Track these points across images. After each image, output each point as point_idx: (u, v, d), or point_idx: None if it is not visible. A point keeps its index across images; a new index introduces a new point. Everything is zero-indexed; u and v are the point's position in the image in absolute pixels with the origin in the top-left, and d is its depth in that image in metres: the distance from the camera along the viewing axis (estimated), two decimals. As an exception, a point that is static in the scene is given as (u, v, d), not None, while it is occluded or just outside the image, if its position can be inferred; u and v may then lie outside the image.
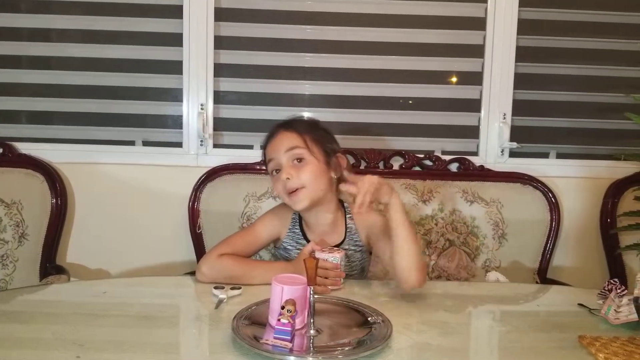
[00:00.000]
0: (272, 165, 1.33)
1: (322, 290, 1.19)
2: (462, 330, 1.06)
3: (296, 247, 1.38)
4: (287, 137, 1.32)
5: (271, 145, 1.33)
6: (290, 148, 1.29)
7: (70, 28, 1.90)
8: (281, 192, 1.31)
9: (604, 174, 1.90)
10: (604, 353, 0.89)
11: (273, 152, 1.32)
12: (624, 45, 1.95)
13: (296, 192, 1.28)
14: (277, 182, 1.31)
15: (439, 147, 1.96)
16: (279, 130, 1.34)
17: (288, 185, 1.28)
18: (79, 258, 1.89)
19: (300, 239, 1.38)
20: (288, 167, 1.29)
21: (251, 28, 1.91)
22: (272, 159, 1.32)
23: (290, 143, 1.30)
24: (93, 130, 1.93)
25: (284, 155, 1.29)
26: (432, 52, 1.94)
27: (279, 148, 1.30)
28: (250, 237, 1.39)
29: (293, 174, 1.28)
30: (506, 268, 1.80)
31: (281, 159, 1.30)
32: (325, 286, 1.21)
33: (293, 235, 1.39)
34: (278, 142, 1.32)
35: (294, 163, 1.29)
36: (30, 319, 1.03)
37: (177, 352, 0.93)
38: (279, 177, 1.30)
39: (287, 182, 1.28)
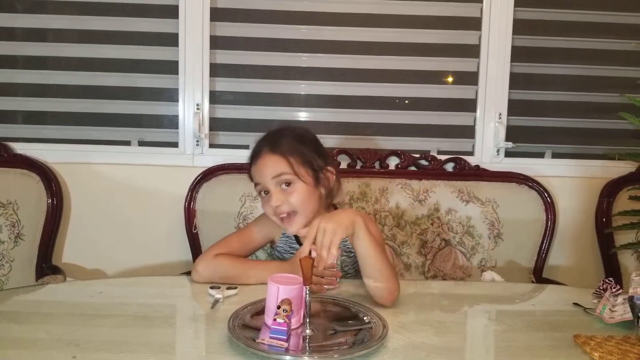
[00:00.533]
0: (260, 188, 1.30)
1: (318, 289, 1.20)
2: (458, 329, 1.07)
3: (289, 251, 1.40)
4: (273, 161, 1.27)
5: (257, 169, 1.30)
6: (276, 175, 1.26)
7: (65, 28, 1.90)
8: (271, 215, 1.29)
9: (599, 174, 1.91)
10: (599, 352, 0.90)
11: (259, 176, 1.29)
12: (619, 45, 1.96)
13: (288, 217, 1.26)
14: (267, 204, 1.29)
15: (434, 147, 1.97)
16: (264, 153, 1.29)
17: (278, 210, 1.26)
18: (75, 258, 1.88)
19: (293, 243, 1.40)
20: (277, 193, 1.26)
21: (247, 28, 1.91)
22: (258, 183, 1.30)
23: (277, 169, 1.26)
24: (89, 130, 1.92)
25: (270, 181, 1.26)
26: (428, 52, 1.94)
27: (265, 173, 1.27)
28: (246, 238, 1.40)
29: (282, 199, 1.25)
30: (502, 268, 1.80)
31: (268, 184, 1.27)
32: (321, 285, 1.21)
33: (287, 240, 1.41)
34: (264, 168, 1.28)
35: (282, 188, 1.26)
36: (27, 319, 1.03)
37: (173, 352, 0.93)
38: (268, 200, 1.27)
39: (276, 208, 1.26)
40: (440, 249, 1.81)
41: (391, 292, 1.14)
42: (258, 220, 1.44)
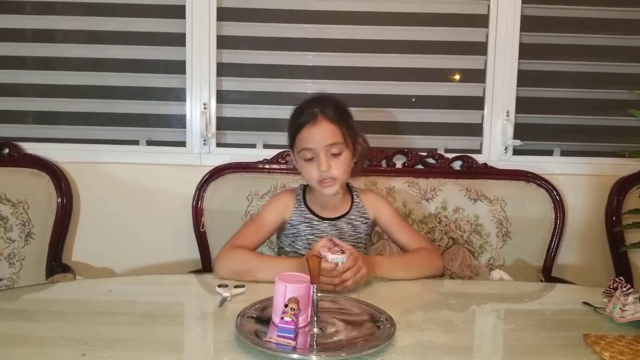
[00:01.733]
0: (307, 153, 1.33)
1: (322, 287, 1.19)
2: (465, 328, 1.06)
3: (304, 221, 1.41)
4: (329, 129, 1.32)
5: (310, 134, 1.32)
6: (331, 143, 1.32)
7: (73, 29, 1.91)
8: (311, 178, 1.34)
9: (608, 172, 1.89)
10: (609, 352, 0.89)
11: (312, 142, 1.32)
12: (628, 41, 1.94)
13: (327, 183, 1.33)
14: (310, 169, 1.33)
15: (442, 145, 1.96)
16: (320, 119, 1.33)
17: (324, 175, 1.31)
18: (85, 257, 1.90)
19: (307, 213, 1.42)
20: (326, 159, 1.31)
21: (253, 27, 1.91)
22: (309, 148, 1.32)
23: (332, 138, 1.32)
24: (97, 130, 1.93)
25: (323, 147, 1.31)
26: (435, 49, 1.94)
27: (320, 140, 1.31)
28: (258, 226, 1.42)
29: (331, 165, 1.31)
30: (510, 266, 1.79)
31: (320, 150, 1.31)
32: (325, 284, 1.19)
33: (300, 212, 1.42)
34: (319, 133, 1.32)
35: (331, 154, 1.32)
36: (36, 317, 1.04)
37: (181, 350, 0.93)
38: (311, 165, 1.33)
39: (323, 172, 1.31)
40: (448, 247, 1.81)
41: (438, 271, 1.37)
42: (267, 206, 1.47)
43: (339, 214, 1.42)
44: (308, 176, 1.36)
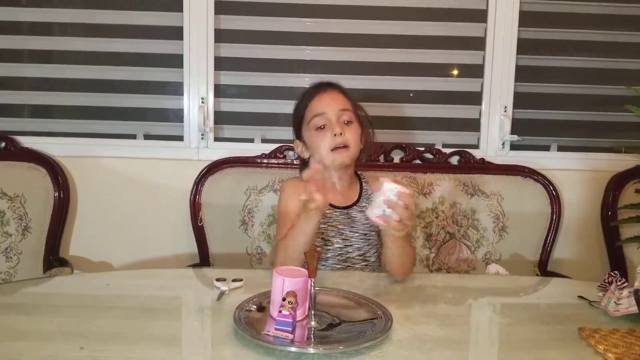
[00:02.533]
0: (319, 120, 1.35)
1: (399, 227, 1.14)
2: (462, 322, 1.07)
3: None
4: (339, 97, 1.37)
5: (321, 100, 1.36)
6: (343, 109, 1.35)
7: (71, 22, 1.90)
8: (324, 148, 1.33)
9: (605, 167, 1.90)
10: (604, 345, 0.90)
11: (324, 106, 1.35)
12: (625, 37, 1.95)
13: (340, 150, 1.33)
14: (322, 136, 1.34)
15: (439, 140, 1.96)
16: (328, 89, 1.38)
17: (337, 141, 1.32)
18: (82, 251, 1.90)
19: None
20: (339, 125, 1.33)
21: (251, 21, 1.90)
22: (321, 113, 1.34)
23: (343, 104, 1.36)
24: (94, 124, 1.93)
25: (336, 112, 1.34)
26: (433, 44, 1.94)
27: (332, 105, 1.35)
28: (290, 218, 1.34)
29: (344, 131, 1.33)
30: (506, 261, 1.80)
31: (332, 115, 1.34)
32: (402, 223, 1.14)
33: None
34: (330, 99, 1.36)
35: (342, 123, 1.34)
36: (34, 311, 1.04)
37: (179, 344, 0.94)
38: (325, 132, 1.33)
39: (335, 138, 1.32)
40: (445, 242, 1.81)
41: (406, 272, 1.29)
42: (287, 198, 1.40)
43: (349, 203, 1.41)
44: (320, 146, 1.34)
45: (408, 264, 1.29)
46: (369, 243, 1.40)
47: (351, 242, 1.39)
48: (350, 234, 1.39)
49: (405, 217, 1.12)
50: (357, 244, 1.39)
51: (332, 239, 1.37)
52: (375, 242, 1.42)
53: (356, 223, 1.40)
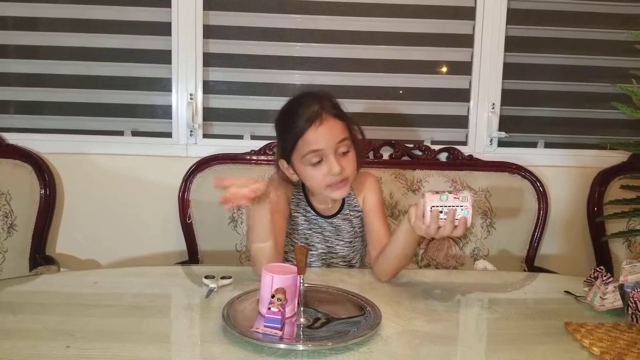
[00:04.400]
0: (314, 156, 1.22)
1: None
2: (450, 317, 1.07)
3: (303, 213, 1.37)
4: (335, 126, 1.22)
5: (317, 134, 1.21)
6: (341, 140, 1.23)
7: (58, 17, 1.88)
8: (320, 184, 1.25)
9: (591, 163, 1.92)
10: (589, 339, 0.91)
11: (320, 141, 1.21)
12: (611, 35, 1.96)
13: (339, 185, 1.24)
14: (318, 173, 1.23)
15: (428, 137, 1.97)
16: (325, 116, 1.22)
17: (337, 178, 1.23)
18: (69, 248, 1.88)
19: (306, 205, 1.37)
20: (337, 159, 1.22)
21: (241, 17, 1.89)
22: (318, 150, 1.21)
23: (340, 134, 1.23)
24: (82, 121, 1.91)
25: (333, 147, 1.22)
26: (422, 41, 1.94)
27: (330, 139, 1.21)
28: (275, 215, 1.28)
29: (342, 166, 1.22)
30: (494, 256, 1.82)
31: (329, 151, 1.21)
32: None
33: (298, 202, 1.37)
34: (327, 132, 1.21)
35: (340, 153, 1.24)
36: (21, 309, 1.03)
37: (167, 342, 0.93)
38: (321, 168, 1.23)
39: (335, 176, 1.22)
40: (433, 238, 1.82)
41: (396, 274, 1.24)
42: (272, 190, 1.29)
43: (334, 211, 1.37)
44: (315, 183, 1.26)
45: (400, 267, 1.23)
46: (354, 249, 1.40)
47: (336, 250, 1.38)
48: (336, 242, 1.38)
49: (444, 231, 1.08)
50: (342, 251, 1.39)
51: (317, 244, 1.37)
52: (360, 248, 1.42)
53: (341, 232, 1.38)
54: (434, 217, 1.07)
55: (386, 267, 1.23)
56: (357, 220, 1.40)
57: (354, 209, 1.40)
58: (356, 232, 1.40)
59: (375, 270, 1.27)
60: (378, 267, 1.25)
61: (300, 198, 1.39)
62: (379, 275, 1.25)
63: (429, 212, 1.07)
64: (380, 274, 1.24)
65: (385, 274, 1.23)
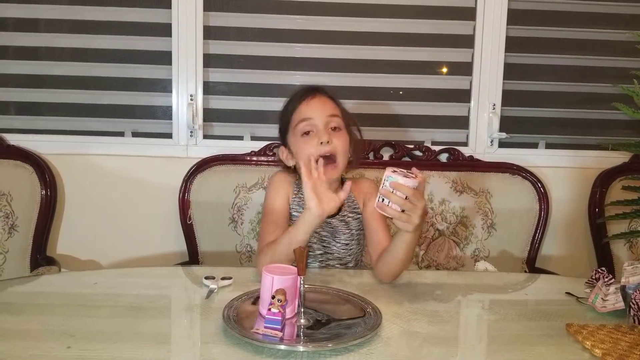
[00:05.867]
0: (305, 125, 1.29)
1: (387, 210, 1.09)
2: (451, 319, 1.07)
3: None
4: (327, 102, 1.32)
5: (308, 105, 1.30)
6: (331, 115, 1.29)
7: (58, 18, 1.88)
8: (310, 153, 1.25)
9: (592, 164, 1.92)
10: (591, 341, 0.91)
11: (311, 111, 1.29)
12: (612, 35, 1.96)
13: (327, 161, 1.24)
14: (308, 144, 1.27)
15: (428, 138, 1.97)
16: (317, 94, 1.32)
17: (323, 149, 1.26)
18: (70, 249, 1.88)
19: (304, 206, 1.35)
20: (326, 132, 1.28)
21: (241, 18, 1.90)
22: (308, 118, 1.29)
23: (331, 110, 1.30)
24: (82, 121, 1.91)
25: (323, 119, 1.28)
26: (422, 42, 1.94)
27: (320, 110, 1.29)
28: (274, 216, 1.34)
29: (332, 139, 1.27)
30: (495, 257, 1.82)
31: (319, 121, 1.28)
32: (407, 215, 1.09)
33: (299, 201, 1.37)
34: (319, 104, 1.30)
35: (329, 129, 1.29)
36: (21, 310, 1.03)
37: (168, 342, 0.93)
38: (310, 139, 1.28)
39: (322, 146, 1.26)
40: (434, 239, 1.82)
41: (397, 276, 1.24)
42: (271, 191, 1.39)
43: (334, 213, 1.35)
44: (306, 152, 1.26)
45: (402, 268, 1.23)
46: (350, 252, 1.40)
47: (332, 250, 1.38)
48: (333, 243, 1.38)
49: (408, 208, 1.07)
50: (338, 252, 1.38)
51: (314, 245, 1.36)
52: (356, 251, 1.41)
53: (338, 233, 1.38)
54: (384, 209, 1.09)
55: (388, 269, 1.23)
56: (356, 222, 1.40)
57: (353, 211, 1.40)
58: (353, 234, 1.40)
59: (376, 272, 1.27)
60: (380, 270, 1.25)
61: (300, 198, 1.39)
62: (380, 276, 1.25)
63: (380, 211, 1.10)
64: (382, 276, 1.24)
65: (388, 276, 1.23)
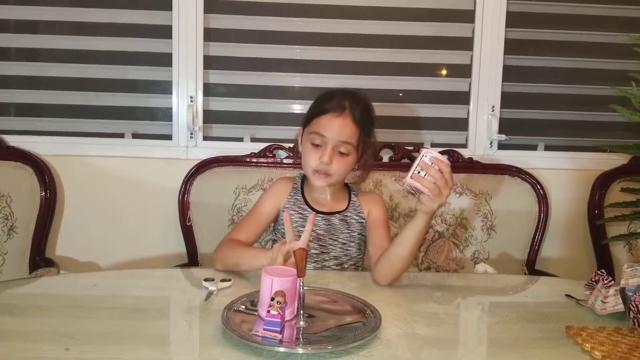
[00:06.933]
0: (317, 138, 1.32)
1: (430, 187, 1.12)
2: (451, 321, 1.07)
3: (297, 211, 1.40)
4: (349, 127, 1.32)
5: (330, 122, 1.32)
6: (344, 141, 1.32)
7: (58, 20, 1.88)
8: (308, 164, 1.34)
9: (591, 166, 1.92)
10: (590, 343, 0.91)
11: (328, 130, 1.31)
12: (610, 37, 1.97)
13: (321, 175, 1.33)
14: (312, 155, 1.33)
15: (428, 140, 1.97)
16: (345, 113, 1.32)
17: (321, 167, 1.32)
18: (69, 251, 1.88)
19: (302, 204, 1.41)
20: (331, 152, 1.31)
21: (241, 20, 1.90)
22: (322, 135, 1.32)
23: (347, 136, 1.32)
24: (82, 123, 1.91)
25: (335, 142, 1.31)
26: (422, 44, 1.94)
27: (336, 133, 1.31)
28: (254, 215, 1.43)
29: (332, 162, 1.32)
30: (495, 259, 1.82)
31: (330, 141, 1.31)
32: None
33: (295, 201, 1.42)
34: (338, 127, 1.31)
35: (337, 152, 1.32)
36: (20, 311, 1.03)
37: (167, 344, 0.93)
38: (316, 152, 1.33)
39: (322, 164, 1.31)
40: (434, 241, 1.82)
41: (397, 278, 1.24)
42: (264, 194, 1.49)
43: (335, 210, 1.42)
44: (306, 161, 1.35)
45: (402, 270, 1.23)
46: (347, 254, 1.40)
47: (328, 250, 1.39)
48: (329, 241, 1.39)
49: (441, 184, 1.11)
50: (334, 252, 1.39)
51: (310, 243, 1.36)
52: (354, 255, 1.42)
53: (336, 231, 1.39)
54: (420, 180, 1.12)
55: (389, 269, 1.23)
56: (358, 226, 1.42)
57: (357, 214, 1.42)
58: (352, 236, 1.40)
59: (375, 274, 1.26)
60: (379, 270, 1.25)
61: (297, 198, 1.43)
62: (379, 278, 1.25)
63: (415, 184, 1.12)
64: (381, 277, 1.24)
65: (387, 276, 1.23)
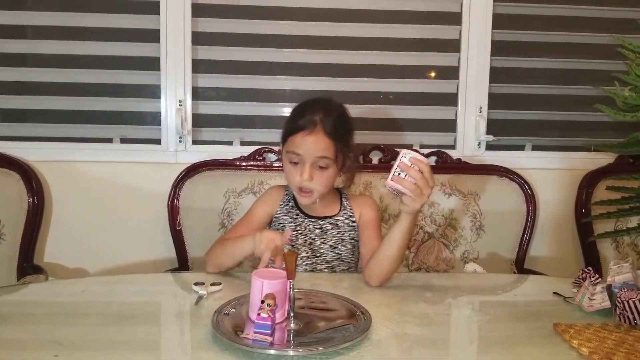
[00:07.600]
0: (294, 157, 1.31)
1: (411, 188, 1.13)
2: (441, 320, 1.08)
3: (289, 216, 1.41)
4: (322, 142, 1.29)
5: (303, 141, 1.28)
6: (321, 157, 1.29)
7: (45, 25, 1.87)
8: (292, 182, 1.34)
9: (578, 166, 1.94)
10: (578, 339, 0.92)
11: (303, 148, 1.29)
12: (594, 39, 1.99)
13: (305, 194, 1.33)
14: (293, 173, 1.32)
15: (417, 141, 1.98)
16: (317, 129, 1.28)
17: (304, 184, 1.31)
18: (57, 257, 1.86)
19: (294, 209, 1.42)
20: (310, 169, 1.30)
21: (229, 24, 1.90)
22: (298, 154, 1.30)
23: (323, 151, 1.29)
24: (70, 128, 1.90)
25: (312, 158, 1.29)
26: (410, 47, 1.95)
27: (311, 149, 1.28)
28: (246, 221, 1.43)
29: (313, 177, 1.30)
30: (484, 259, 1.83)
31: (307, 159, 1.29)
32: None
33: (287, 207, 1.43)
34: (312, 143, 1.28)
35: (317, 166, 1.31)
36: (8, 319, 1.02)
37: (157, 349, 0.93)
38: (295, 171, 1.31)
39: (303, 181, 1.30)
40: (424, 241, 1.83)
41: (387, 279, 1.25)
42: (258, 199, 1.49)
43: (326, 214, 1.42)
44: (289, 180, 1.35)
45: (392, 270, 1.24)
46: (338, 257, 1.40)
47: (319, 254, 1.39)
48: (320, 245, 1.39)
49: (422, 184, 1.12)
50: (326, 256, 1.39)
51: (301, 246, 1.38)
52: (347, 259, 1.41)
53: (327, 235, 1.40)
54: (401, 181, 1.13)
55: (380, 268, 1.23)
56: (350, 230, 1.42)
57: (349, 218, 1.42)
58: (344, 240, 1.40)
59: (365, 275, 1.27)
60: (369, 271, 1.25)
61: (290, 204, 1.43)
62: (369, 279, 1.25)
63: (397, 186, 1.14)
64: (371, 278, 1.24)
65: (377, 277, 1.24)
